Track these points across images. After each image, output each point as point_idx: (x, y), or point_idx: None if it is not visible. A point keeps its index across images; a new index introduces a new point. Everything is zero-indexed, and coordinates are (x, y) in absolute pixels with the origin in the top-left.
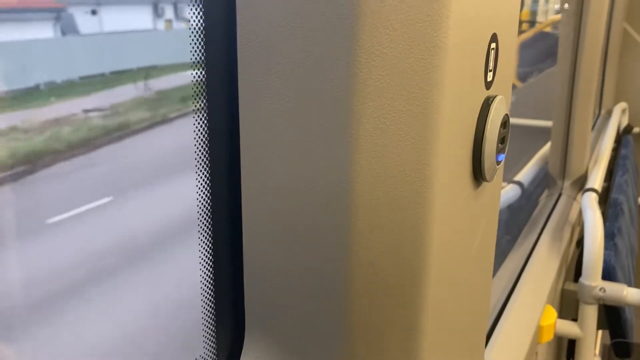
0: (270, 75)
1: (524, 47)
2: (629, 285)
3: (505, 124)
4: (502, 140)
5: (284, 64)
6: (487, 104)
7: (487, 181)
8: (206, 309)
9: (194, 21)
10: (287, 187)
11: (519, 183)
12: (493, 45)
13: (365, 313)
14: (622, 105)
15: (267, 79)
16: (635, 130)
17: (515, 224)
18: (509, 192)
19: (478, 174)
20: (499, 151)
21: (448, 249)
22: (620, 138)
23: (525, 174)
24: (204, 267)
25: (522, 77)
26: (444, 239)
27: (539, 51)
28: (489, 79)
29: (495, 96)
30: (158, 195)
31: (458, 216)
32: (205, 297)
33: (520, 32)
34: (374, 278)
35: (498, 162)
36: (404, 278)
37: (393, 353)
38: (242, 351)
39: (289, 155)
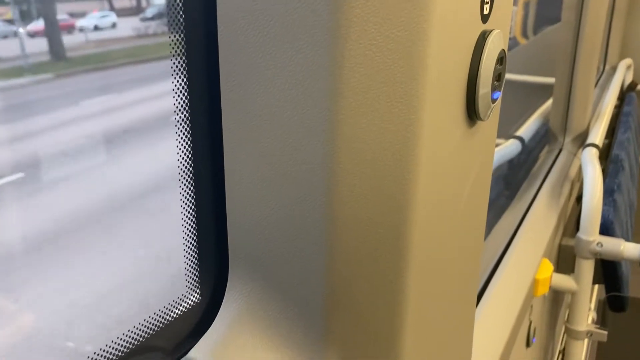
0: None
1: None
2: (627, 240)
3: (502, 60)
4: (498, 77)
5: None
6: (482, 38)
7: (481, 120)
8: (189, 248)
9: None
10: (269, 133)
11: (519, 138)
12: None
13: (347, 255)
14: (627, 61)
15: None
16: None
17: (514, 179)
18: (509, 147)
19: (472, 113)
20: (495, 88)
21: (439, 188)
22: (624, 95)
23: (527, 129)
24: (186, 208)
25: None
26: (435, 177)
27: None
28: (486, 11)
29: (492, 30)
30: None
31: (450, 155)
32: (188, 236)
33: None
34: (356, 219)
35: (494, 100)
36: (388, 216)
37: (377, 291)
38: (226, 290)
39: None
